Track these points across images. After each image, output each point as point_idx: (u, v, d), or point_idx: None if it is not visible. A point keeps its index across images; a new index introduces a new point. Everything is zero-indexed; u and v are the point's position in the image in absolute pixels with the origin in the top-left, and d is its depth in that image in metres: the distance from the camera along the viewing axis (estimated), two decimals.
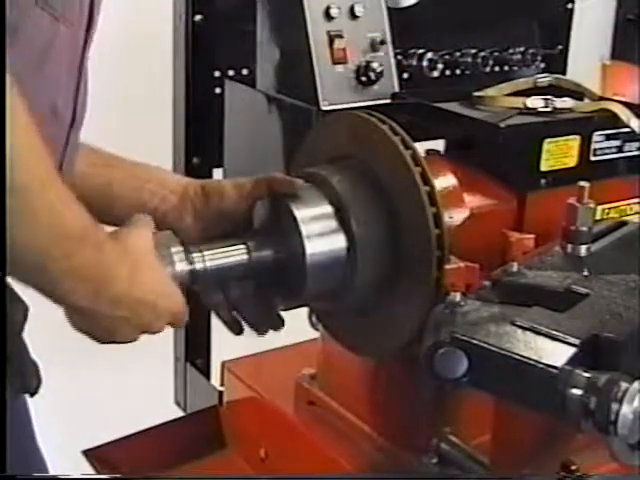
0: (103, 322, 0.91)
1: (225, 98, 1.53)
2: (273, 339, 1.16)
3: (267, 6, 1.35)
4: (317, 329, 1.29)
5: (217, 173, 1.63)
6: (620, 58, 3.13)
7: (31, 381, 1.07)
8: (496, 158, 1.23)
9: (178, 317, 0.98)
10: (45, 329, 1.22)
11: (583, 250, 1.09)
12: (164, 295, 0.96)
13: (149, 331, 0.96)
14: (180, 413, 1.80)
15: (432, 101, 1.30)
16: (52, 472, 1.16)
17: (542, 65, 1.54)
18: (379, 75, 1.30)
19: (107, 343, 0.96)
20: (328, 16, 1.27)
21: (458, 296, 0.95)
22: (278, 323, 1.12)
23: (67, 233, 0.85)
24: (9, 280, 1.03)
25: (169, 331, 1.83)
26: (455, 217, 1.14)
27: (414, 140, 1.07)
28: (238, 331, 1.12)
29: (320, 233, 1.06)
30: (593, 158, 1.24)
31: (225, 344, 1.19)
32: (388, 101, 1.32)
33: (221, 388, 1.57)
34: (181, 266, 1.01)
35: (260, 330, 1.12)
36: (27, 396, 1.10)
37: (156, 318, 0.95)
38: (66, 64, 0.96)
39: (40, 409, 1.13)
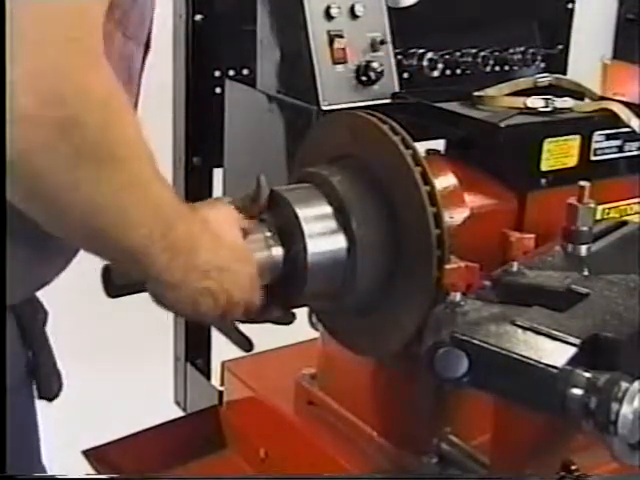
0: (189, 295, 0.93)
1: (225, 98, 1.53)
2: (273, 339, 1.16)
3: (267, 6, 1.35)
4: (317, 329, 1.29)
5: (217, 173, 1.63)
6: (620, 58, 3.13)
7: (53, 386, 1.07)
8: (496, 158, 1.23)
9: (254, 288, 0.99)
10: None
11: (583, 250, 1.08)
12: (244, 261, 0.98)
13: (230, 307, 0.97)
14: (180, 413, 1.80)
15: (432, 101, 1.29)
16: (52, 472, 1.16)
17: (542, 65, 1.54)
18: (379, 75, 1.30)
19: (191, 319, 1.00)
20: (328, 16, 1.27)
21: (458, 296, 0.95)
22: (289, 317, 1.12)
23: (167, 214, 0.87)
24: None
25: (169, 331, 1.84)
26: (455, 217, 1.14)
27: (414, 140, 1.07)
28: (248, 348, 1.12)
29: (321, 232, 1.06)
30: (593, 158, 1.24)
31: (225, 344, 1.19)
32: (388, 101, 1.32)
33: (221, 388, 1.57)
34: (277, 250, 1.05)
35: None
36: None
37: (238, 288, 0.96)
38: (136, 81, 0.99)
39: (40, 409, 1.13)
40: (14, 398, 1.02)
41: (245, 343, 1.11)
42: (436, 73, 1.42)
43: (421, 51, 1.41)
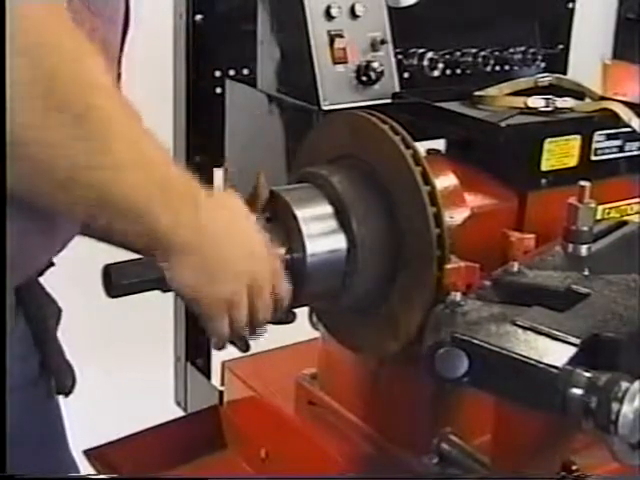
0: (208, 264, 0.90)
1: (226, 98, 1.53)
2: (273, 339, 1.16)
3: (267, 6, 1.35)
4: (317, 329, 1.29)
5: (218, 172, 1.63)
6: (621, 57, 3.13)
7: (66, 382, 1.07)
8: (497, 158, 1.23)
9: (279, 273, 0.98)
10: None
11: (584, 250, 1.08)
12: (261, 243, 0.97)
13: (254, 284, 0.95)
14: (180, 413, 1.80)
15: (433, 101, 1.29)
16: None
17: (543, 65, 1.54)
18: (380, 75, 1.30)
19: (207, 298, 0.94)
20: (328, 15, 1.27)
21: (458, 296, 0.95)
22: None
23: (163, 169, 0.85)
24: (43, 282, 1.04)
25: (169, 331, 1.84)
26: (456, 217, 1.14)
27: (415, 140, 1.07)
28: (245, 348, 1.11)
29: (321, 233, 1.06)
30: (594, 158, 1.24)
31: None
32: (389, 101, 1.32)
33: (221, 388, 1.57)
34: (277, 251, 1.03)
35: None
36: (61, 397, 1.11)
37: (257, 267, 0.95)
38: (114, 63, 0.96)
39: None
40: (30, 393, 1.02)
41: (242, 343, 1.11)
42: (436, 73, 1.42)
43: (421, 51, 1.41)
